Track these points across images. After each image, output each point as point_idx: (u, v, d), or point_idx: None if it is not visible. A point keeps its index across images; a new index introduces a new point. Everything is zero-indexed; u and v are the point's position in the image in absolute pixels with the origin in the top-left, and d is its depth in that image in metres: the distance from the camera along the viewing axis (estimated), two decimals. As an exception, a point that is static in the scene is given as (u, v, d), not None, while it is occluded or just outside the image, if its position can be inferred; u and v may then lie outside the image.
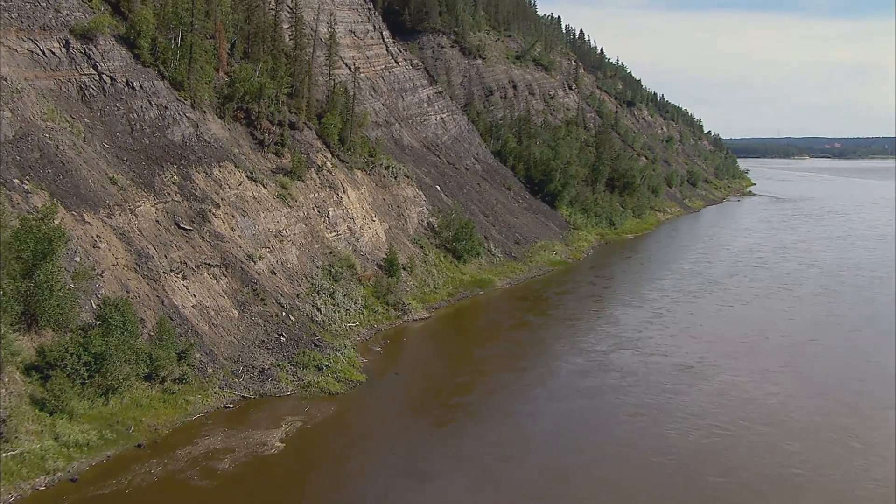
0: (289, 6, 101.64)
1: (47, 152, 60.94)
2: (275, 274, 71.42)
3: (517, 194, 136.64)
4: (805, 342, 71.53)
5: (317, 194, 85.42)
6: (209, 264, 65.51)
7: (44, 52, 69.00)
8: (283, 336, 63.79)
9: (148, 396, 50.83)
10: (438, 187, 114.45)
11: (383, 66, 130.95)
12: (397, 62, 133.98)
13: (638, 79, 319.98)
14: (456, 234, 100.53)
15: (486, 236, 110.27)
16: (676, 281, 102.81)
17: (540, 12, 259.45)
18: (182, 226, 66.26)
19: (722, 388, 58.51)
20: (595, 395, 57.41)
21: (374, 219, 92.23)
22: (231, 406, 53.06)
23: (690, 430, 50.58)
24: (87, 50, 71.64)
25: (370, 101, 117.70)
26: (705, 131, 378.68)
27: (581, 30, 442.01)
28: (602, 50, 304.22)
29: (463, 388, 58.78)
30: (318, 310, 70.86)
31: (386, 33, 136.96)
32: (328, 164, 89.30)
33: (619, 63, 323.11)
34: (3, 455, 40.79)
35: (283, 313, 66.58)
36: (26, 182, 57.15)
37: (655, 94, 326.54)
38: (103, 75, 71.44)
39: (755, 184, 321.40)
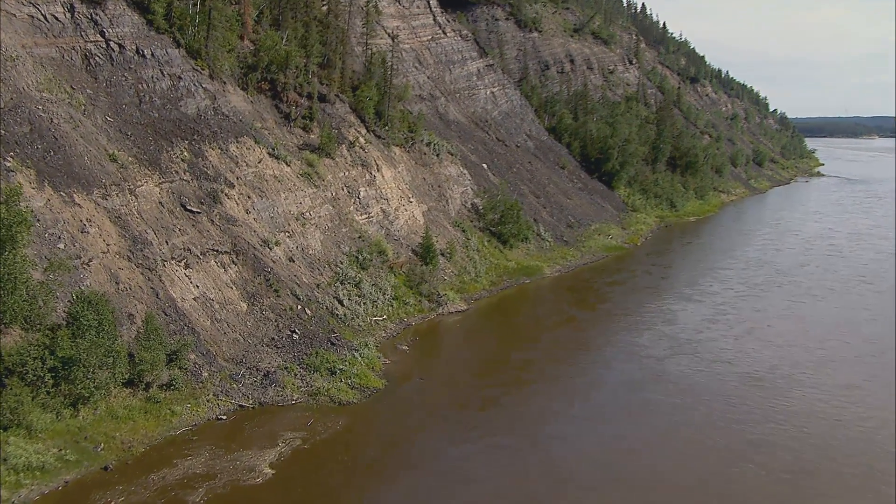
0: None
1: (39, 126, 53.91)
2: (293, 261, 63.69)
3: (572, 173, 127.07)
4: (893, 349, 61.07)
5: (347, 173, 77.45)
6: (217, 251, 58.05)
7: (46, 17, 61.95)
8: (297, 333, 56.08)
9: (127, 406, 43.56)
10: (485, 165, 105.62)
11: (430, 37, 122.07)
12: (445, 33, 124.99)
13: (701, 55, 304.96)
14: (502, 217, 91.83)
15: (536, 219, 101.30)
16: (741, 271, 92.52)
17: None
18: (189, 208, 58.85)
19: (801, 408, 48.97)
20: (645, 415, 48.21)
21: (412, 200, 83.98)
22: (224, 418, 45.49)
23: (766, 471, 41.08)
24: (93, 15, 64.42)
25: (414, 74, 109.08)
26: (770, 109, 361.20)
27: (643, 3, 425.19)
28: (664, 25, 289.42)
29: (491, 402, 50.20)
30: (340, 302, 63.00)
31: (434, 2, 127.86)
32: (361, 139, 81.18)
33: (682, 38, 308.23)
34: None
35: (299, 306, 58.86)
36: (10, 159, 50.18)
37: (719, 70, 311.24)
38: (111, 42, 64.22)
39: (823, 164, 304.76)
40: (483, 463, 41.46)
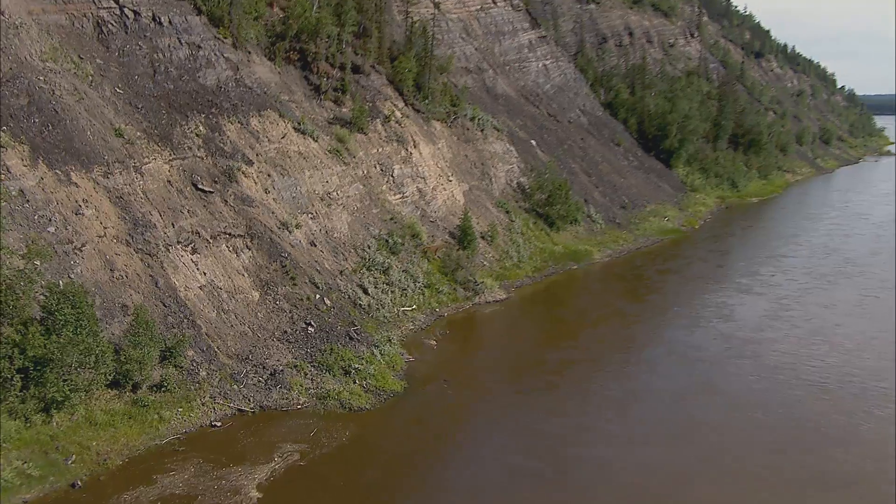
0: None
1: (38, 98, 49.05)
2: (314, 245, 58.12)
3: (627, 151, 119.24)
4: None
5: (381, 149, 71.50)
6: (230, 234, 52.73)
7: (56, -19, 57.00)
8: (313, 325, 50.55)
9: (109, 410, 38.51)
10: (534, 142, 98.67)
11: (479, 7, 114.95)
12: (495, 3, 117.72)
13: (767, 29, 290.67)
14: (550, 197, 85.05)
15: (587, 199, 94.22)
16: (806, 260, 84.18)
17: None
18: (201, 187, 53.58)
19: (882, 432, 41.65)
20: (692, 437, 41.14)
21: (451, 178, 77.74)
22: (218, 424, 40.20)
23: None
24: (108, -22, 59.28)
25: (460, 45, 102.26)
26: (838, 86, 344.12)
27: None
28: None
29: (517, 413, 43.76)
30: (365, 290, 57.28)
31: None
32: (397, 113, 75.08)
33: (747, 11, 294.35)
34: None
35: (318, 295, 53.31)
36: (1, 133, 45.35)
37: (785, 45, 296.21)
38: (125, 9, 59.05)
39: (893, 142, 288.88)
40: (497, 493, 35.34)
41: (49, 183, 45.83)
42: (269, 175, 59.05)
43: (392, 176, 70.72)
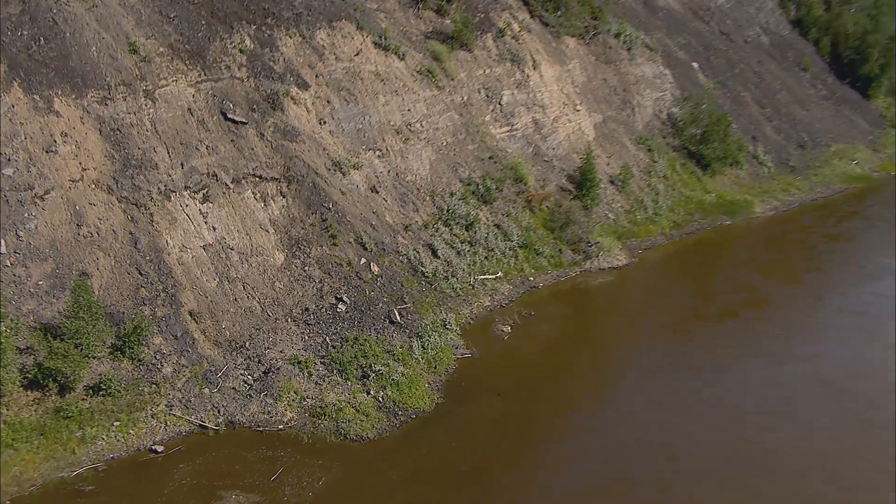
0: None
1: (34, 6, 38.12)
2: (375, 192, 44.98)
3: (815, 77, 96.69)
4: None
5: (489, 70, 56.61)
6: (259, 176, 40.53)
7: None
8: (346, 301, 37.88)
9: (15, 423, 27.70)
10: (696, 64, 79.69)
11: None
12: None
13: None
14: (705, 133, 67.22)
15: (755, 136, 75.12)
16: None
17: None
18: (231, 116, 41.40)
19: None
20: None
21: (580, 107, 61.76)
22: (160, 450, 28.63)
23: None
24: None
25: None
26: None
27: None
28: None
29: (587, 456, 29.57)
30: (434, 252, 43.83)
31: None
32: (515, 26, 59.52)
33: None
34: None
35: (363, 260, 40.42)
36: (-26, 47, 34.86)
37: None
38: None
39: None
40: None
41: (21, 111, 35.05)
42: (328, 101, 46.03)
43: (500, 104, 55.91)
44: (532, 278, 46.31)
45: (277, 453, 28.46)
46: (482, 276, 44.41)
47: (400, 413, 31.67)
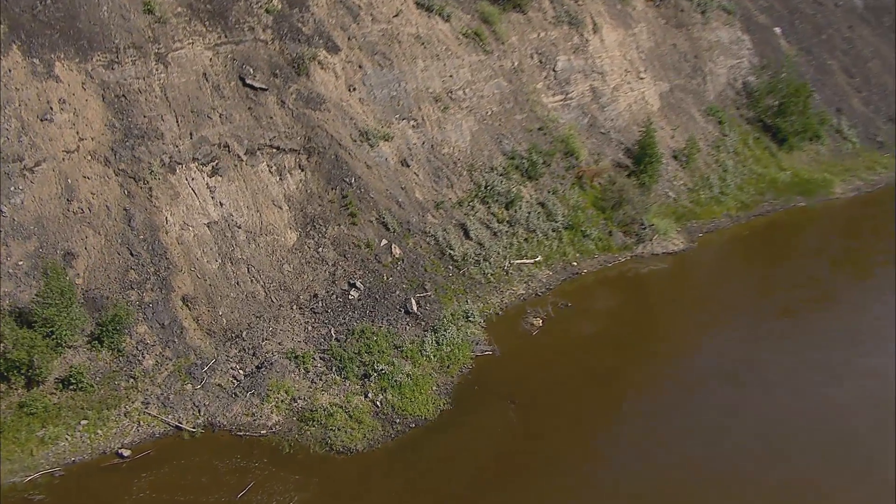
0: None
1: (44, -42, 35.05)
2: (406, 165, 40.88)
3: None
4: None
5: (543, 33, 51.48)
6: (277, 147, 36.97)
7: None
8: (359, 286, 34.18)
9: (-29, 420, 25.06)
10: (778, 30, 72.24)
11: None
12: None
13: None
14: (783, 105, 60.62)
15: (840, 108, 67.82)
16: None
17: None
18: (250, 82, 37.80)
19: None
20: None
21: (644, 75, 56.12)
22: (126, 454, 25.61)
23: None
24: None
25: None
26: None
27: None
28: None
29: (604, 486, 25.22)
30: (466, 232, 39.66)
31: None
32: (575, -13, 54.16)
33: None
34: None
35: (384, 241, 36.58)
36: (-29, 5, 32.14)
37: None
38: None
39: None
40: None
41: (19, 75, 32.19)
42: (360, 66, 41.93)
43: (554, 70, 50.86)
44: (575, 263, 41.73)
45: (252, 464, 25.18)
46: (518, 261, 40.07)
47: (398, 421, 27.92)
